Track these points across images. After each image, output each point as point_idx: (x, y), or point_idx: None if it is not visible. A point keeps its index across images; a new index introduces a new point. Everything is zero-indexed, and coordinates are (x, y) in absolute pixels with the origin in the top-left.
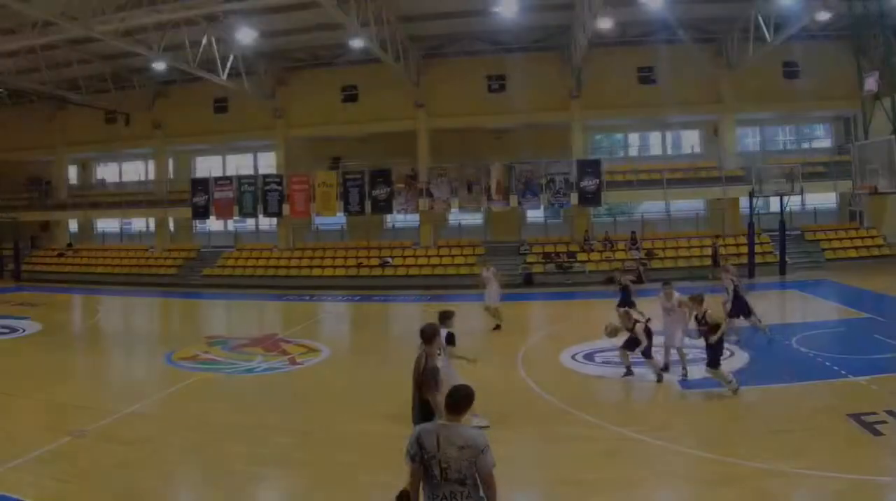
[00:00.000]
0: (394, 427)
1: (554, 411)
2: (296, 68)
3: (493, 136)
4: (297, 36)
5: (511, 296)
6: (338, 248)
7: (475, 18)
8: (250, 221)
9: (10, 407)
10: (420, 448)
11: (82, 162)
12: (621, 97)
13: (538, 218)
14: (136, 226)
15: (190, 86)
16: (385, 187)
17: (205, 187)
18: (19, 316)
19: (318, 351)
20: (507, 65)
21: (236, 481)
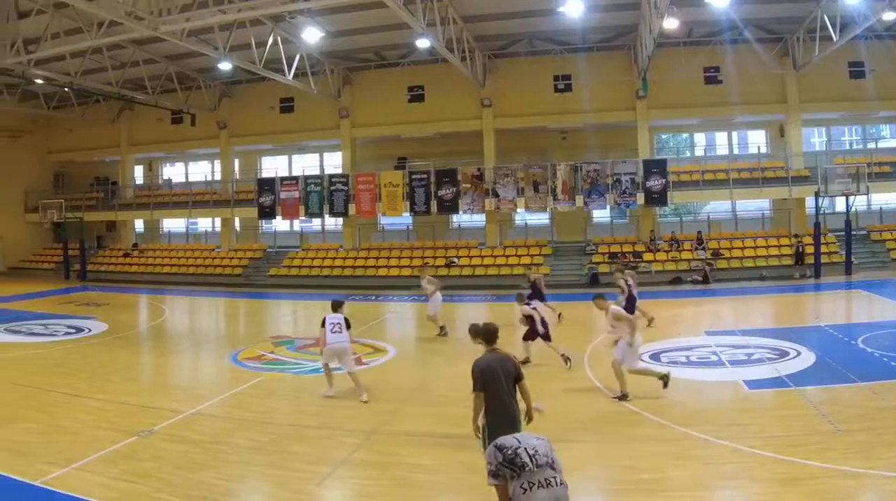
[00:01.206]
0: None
1: (620, 411)
2: (362, 68)
3: (559, 136)
4: (363, 36)
5: (577, 296)
6: (403, 248)
7: (541, 18)
8: (316, 221)
9: (76, 407)
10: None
11: (148, 162)
12: (687, 97)
13: (604, 218)
14: (201, 225)
15: (255, 86)
16: (451, 187)
17: (271, 187)
18: (85, 316)
19: (384, 351)
20: (573, 64)
21: (301, 481)
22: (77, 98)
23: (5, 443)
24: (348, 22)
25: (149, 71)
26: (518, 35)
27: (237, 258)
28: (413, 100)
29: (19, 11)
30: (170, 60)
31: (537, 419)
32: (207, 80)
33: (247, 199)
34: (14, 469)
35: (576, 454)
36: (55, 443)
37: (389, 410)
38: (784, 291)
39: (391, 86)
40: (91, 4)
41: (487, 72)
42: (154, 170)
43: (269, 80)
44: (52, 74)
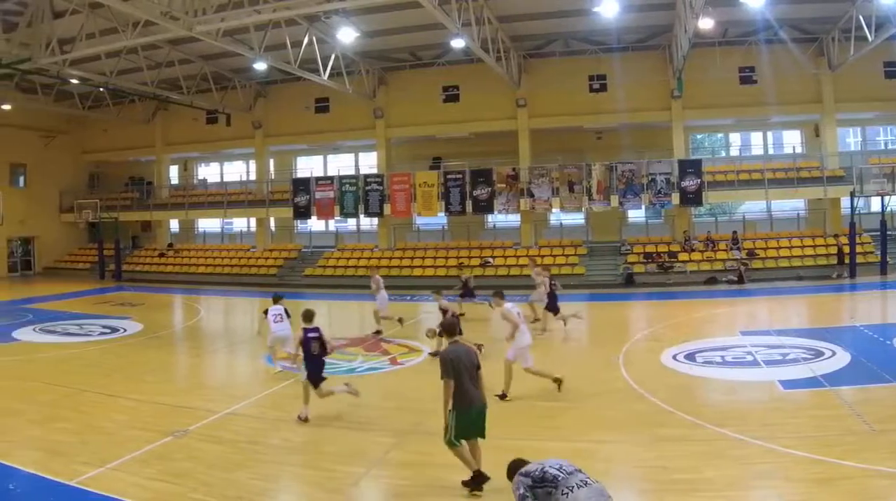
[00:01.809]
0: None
1: (655, 411)
2: (397, 68)
3: (594, 136)
4: (398, 36)
5: (612, 296)
6: (439, 248)
7: (576, 18)
8: (351, 221)
9: (112, 407)
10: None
11: (183, 162)
12: (722, 97)
13: (639, 218)
14: (237, 225)
15: (291, 86)
16: (486, 187)
17: (306, 187)
18: (120, 316)
19: (419, 351)
20: (607, 64)
21: (336, 481)
22: (112, 98)
23: (41, 443)
24: (383, 22)
25: (184, 71)
26: (553, 35)
27: (272, 258)
28: (448, 100)
29: (54, 11)
30: (205, 60)
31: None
32: (243, 79)
33: (282, 199)
34: (49, 469)
35: (609, 454)
36: (90, 443)
37: (424, 410)
38: (819, 291)
39: (426, 86)
40: (126, 4)
41: (522, 72)
42: (189, 170)
43: (304, 80)
44: (87, 74)
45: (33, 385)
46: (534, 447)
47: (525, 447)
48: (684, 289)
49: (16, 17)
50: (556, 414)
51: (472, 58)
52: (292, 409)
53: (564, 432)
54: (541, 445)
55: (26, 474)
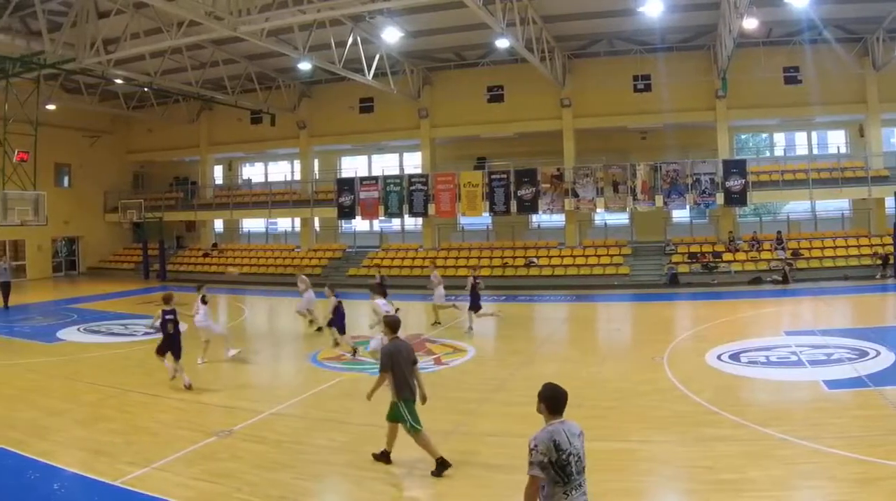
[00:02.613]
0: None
1: (699, 411)
2: (441, 68)
3: (638, 136)
4: (443, 36)
5: (656, 296)
6: (483, 248)
7: (620, 18)
8: (396, 221)
9: (156, 407)
10: (557, 450)
11: (228, 162)
12: (767, 97)
13: (684, 218)
14: (281, 225)
15: (335, 86)
16: (530, 187)
17: (350, 187)
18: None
19: (463, 351)
20: (652, 64)
21: (379, 481)
22: (156, 98)
23: (86, 443)
24: (428, 22)
25: (228, 71)
26: (597, 35)
27: (317, 258)
28: (492, 100)
29: (99, 11)
30: (249, 60)
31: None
32: (287, 79)
33: (326, 199)
34: (94, 470)
35: (655, 454)
36: (135, 443)
37: (468, 410)
38: (863, 291)
39: (470, 86)
40: (170, 4)
41: (567, 72)
42: (234, 170)
43: (348, 80)
44: (132, 74)
45: (78, 385)
46: None
47: None
48: (729, 289)
49: (60, 17)
50: (601, 414)
51: (516, 58)
52: (337, 409)
53: (609, 432)
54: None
55: (71, 474)
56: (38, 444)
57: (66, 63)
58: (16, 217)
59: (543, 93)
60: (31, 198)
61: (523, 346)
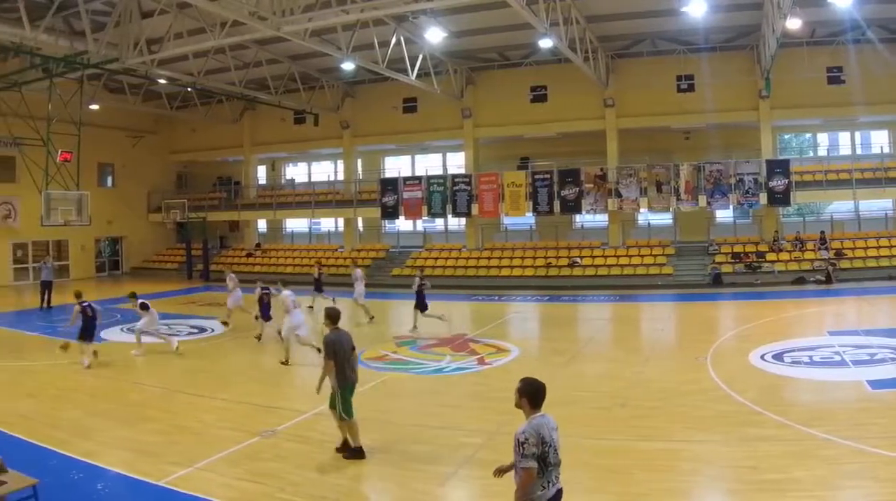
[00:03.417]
0: (581, 428)
1: (743, 411)
2: (485, 68)
3: (681, 136)
4: (486, 36)
5: (699, 296)
6: (526, 248)
7: (664, 18)
8: (439, 221)
9: (200, 407)
10: (542, 443)
11: (271, 161)
12: (810, 97)
13: (727, 218)
14: (324, 225)
15: (378, 86)
16: (574, 187)
17: (394, 187)
18: (207, 316)
19: (507, 351)
20: (695, 64)
21: (423, 481)
22: (200, 98)
23: (130, 443)
24: (471, 22)
25: (272, 71)
26: (641, 35)
27: (360, 258)
28: (536, 100)
29: (142, 11)
30: (292, 60)
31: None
32: (330, 79)
33: (370, 199)
34: (138, 470)
35: (698, 453)
36: (178, 443)
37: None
38: None
39: (514, 86)
40: (214, 4)
41: (610, 71)
42: (277, 170)
43: (391, 80)
44: (175, 74)
45: (122, 385)
46: (624, 446)
47: (616, 447)
48: (772, 289)
49: (104, 17)
50: (645, 414)
51: (559, 58)
52: (379, 409)
53: (653, 432)
54: (631, 445)
55: (115, 474)
56: (81, 444)
57: (109, 63)
58: (59, 217)
59: (587, 93)
60: (74, 198)
61: (567, 346)
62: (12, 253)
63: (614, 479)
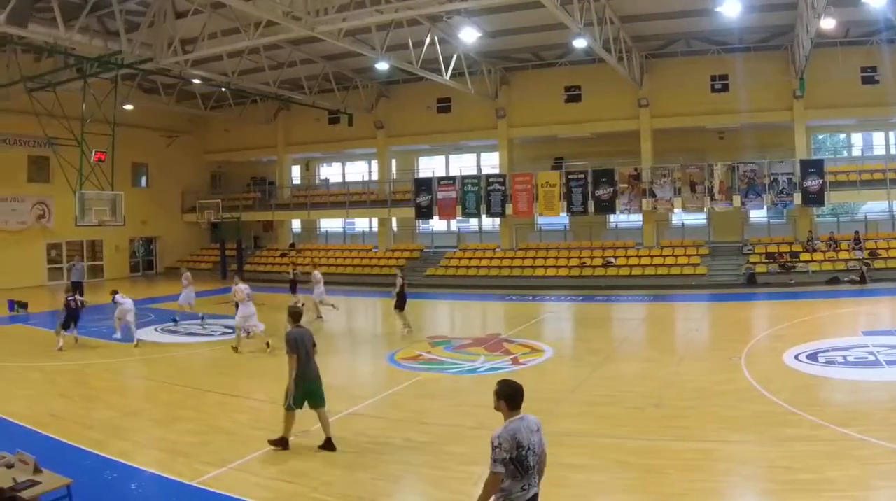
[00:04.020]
0: (616, 428)
1: (777, 411)
2: (519, 68)
3: (716, 136)
4: (521, 36)
5: (734, 296)
6: (561, 248)
7: (698, 18)
8: (473, 221)
9: (233, 407)
10: (518, 447)
11: (305, 162)
12: (844, 97)
13: (761, 218)
14: (359, 225)
15: (412, 86)
16: (608, 187)
17: (428, 187)
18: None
19: (541, 351)
20: (729, 64)
21: (458, 481)
22: (234, 98)
23: (164, 443)
24: (505, 22)
25: (306, 71)
26: (675, 35)
27: (394, 258)
28: (570, 101)
29: (176, 11)
30: (327, 60)
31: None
32: (364, 79)
33: (404, 199)
34: (172, 470)
35: (733, 453)
36: (212, 443)
37: (546, 410)
38: None
39: (548, 86)
40: (248, 4)
41: (644, 71)
42: (311, 170)
43: (426, 80)
44: (209, 74)
45: (156, 385)
46: (659, 446)
47: (651, 447)
48: (806, 289)
49: (138, 17)
50: (680, 414)
51: (593, 58)
52: (415, 409)
53: (688, 432)
54: (665, 445)
55: (149, 474)
56: (115, 444)
57: (143, 63)
58: (93, 217)
59: (621, 94)
60: (108, 199)
61: (601, 346)
62: (46, 254)
63: (650, 479)
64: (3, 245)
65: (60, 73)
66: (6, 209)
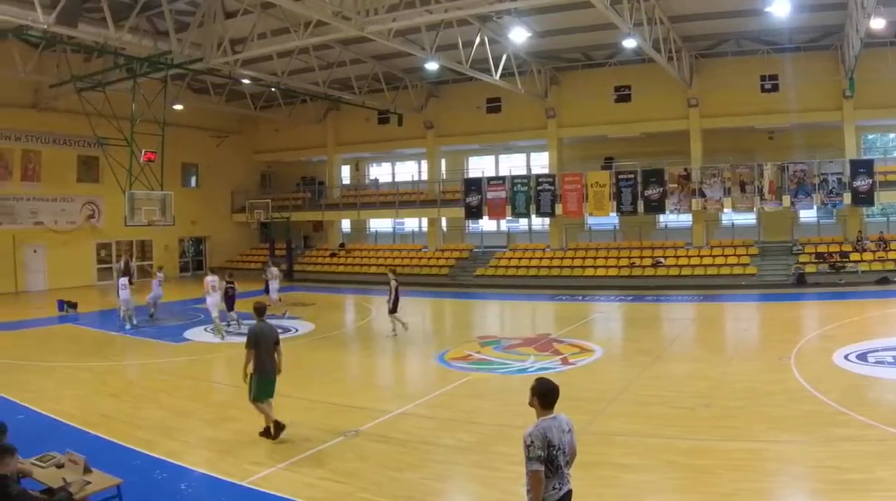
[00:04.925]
0: (666, 428)
1: (827, 411)
2: (569, 68)
3: (765, 136)
4: (570, 36)
5: (783, 296)
6: (610, 248)
7: (747, 18)
8: (523, 221)
9: (283, 407)
10: (549, 446)
11: (355, 161)
12: (894, 97)
13: (811, 218)
14: (408, 225)
15: (462, 86)
16: (658, 187)
17: (478, 187)
18: (292, 316)
19: (590, 351)
20: (779, 64)
21: (507, 481)
22: (284, 98)
23: (213, 443)
24: (555, 22)
25: (355, 71)
26: (725, 35)
27: (444, 258)
28: (619, 100)
29: (226, 11)
30: (376, 60)
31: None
32: (414, 79)
33: (453, 199)
34: (221, 469)
35: (782, 454)
36: (261, 443)
37: (596, 410)
38: None
39: (597, 86)
40: (298, 4)
41: (694, 71)
42: (361, 170)
43: (475, 80)
44: (259, 74)
45: (205, 384)
46: (708, 446)
47: (701, 447)
48: (856, 289)
49: (187, 17)
50: (729, 413)
51: (643, 58)
52: (464, 409)
53: (738, 432)
54: (715, 445)
55: (198, 474)
56: (165, 444)
57: (193, 63)
58: (143, 217)
59: (670, 93)
60: (158, 199)
61: (651, 346)
62: (96, 253)
63: (700, 479)
64: (52, 245)
65: (110, 72)
66: (56, 209)
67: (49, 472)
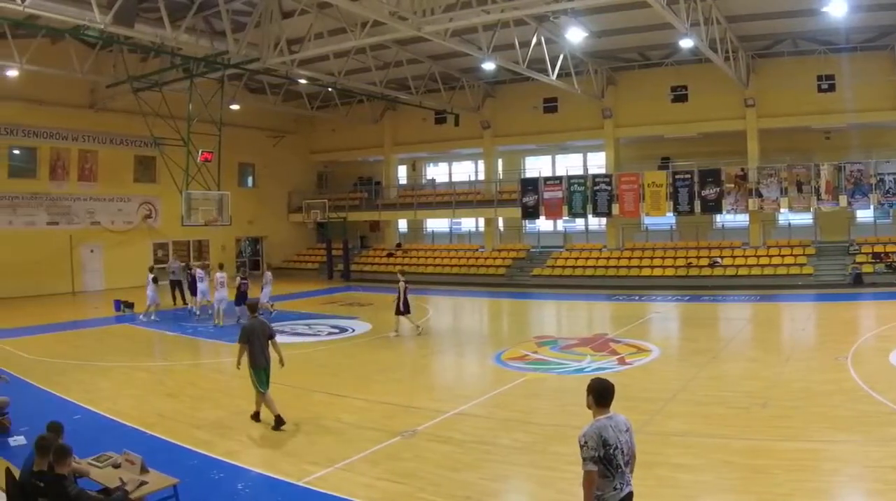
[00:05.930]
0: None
1: (884, 411)
2: (625, 68)
3: (822, 136)
4: (627, 36)
5: (840, 296)
6: (667, 248)
7: (804, 18)
8: (579, 221)
9: (340, 407)
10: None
11: (412, 161)
12: None
13: (867, 218)
14: (465, 225)
15: (519, 86)
16: (714, 187)
17: (534, 187)
18: (348, 316)
19: (647, 351)
20: (836, 64)
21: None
22: (340, 98)
23: (270, 443)
24: (612, 22)
25: (412, 71)
26: (781, 35)
27: (500, 258)
28: (676, 100)
29: (283, 12)
30: (433, 60)
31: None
32: (471, 79)
33: (510, 199)
34: (278, 469)
35: (839, 454)
36: (318, 443)
37: (653, 410)
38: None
39: (654, 86)
40: (354, 4)
41: (751, 71)
42: (417, 170)
43: (532, 80)
44: (316, 74)
45: None
46: (765, 446)
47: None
48: None
49: (244, 17)
50: (786, 413)
51: (700, 57)
52: (521, 409)
53: (794, 431)
54: (771, 445)
55: (255, 474)
56: (222, 444)
57: (249, 63)
58: (199, 217)
59: (727, 93)
60: (215, 199)
61: (708, 346)
62: (153, 253)
63: (756, 479)
64: (109, 245)
65: (167, 73)
66: (113, 209)
67: (106, 472)
